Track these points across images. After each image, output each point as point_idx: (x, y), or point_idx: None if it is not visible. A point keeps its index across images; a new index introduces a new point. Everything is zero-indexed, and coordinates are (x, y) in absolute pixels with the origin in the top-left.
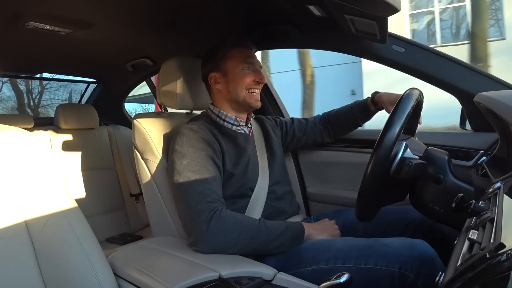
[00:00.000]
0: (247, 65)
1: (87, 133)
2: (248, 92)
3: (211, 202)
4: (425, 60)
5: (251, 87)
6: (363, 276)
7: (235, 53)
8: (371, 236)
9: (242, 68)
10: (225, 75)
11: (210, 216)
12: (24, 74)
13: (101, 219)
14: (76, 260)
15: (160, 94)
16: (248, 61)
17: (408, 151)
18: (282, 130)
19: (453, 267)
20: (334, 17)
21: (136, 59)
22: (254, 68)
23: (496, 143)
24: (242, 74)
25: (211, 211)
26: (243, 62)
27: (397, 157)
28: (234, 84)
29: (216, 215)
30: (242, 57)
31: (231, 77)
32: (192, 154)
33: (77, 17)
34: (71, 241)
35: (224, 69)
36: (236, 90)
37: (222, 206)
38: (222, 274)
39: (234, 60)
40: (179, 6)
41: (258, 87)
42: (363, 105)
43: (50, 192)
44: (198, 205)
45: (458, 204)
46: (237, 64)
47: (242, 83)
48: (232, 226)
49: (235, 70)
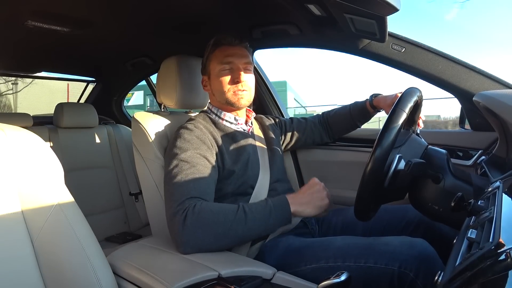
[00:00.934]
0: (225, 65)
1: (86, 132)
2: (229, 93)
3: (187, 200)
4: (424, 60)
5: (230, 88)
6: (363, 274)
7: (215, 54)
8: (370, 235)
9: (220, 69)
10: (209, 77)
11: (184, 215)
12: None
13: (100, 218)
14: (75, 259)
15: (160, 93)
16: (226, 60)
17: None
18: (281, 130)
19: (452, 266)
20: (334, 16)
21: (136, 58)
22: (233, 67)
23: (495, 143)
24: (220, 75)
25: (185, 209)
26: (220, 63)
27: (390, 171)
28: (215, 87)
29: (190, 212)
30: (220, 56)
31: (212, 79)
32: (182, 153)
33: (76, 15)
34: (71, 240)
35: (208, 71)
36: (218, 91)
37: (198, 201)
38: (221, 273)
39: (214, 61)
40: (179, 5)
41: (237, 86)
42: (362, 107)
43: (50, 191)
44: (175, 205)
45: (457, 203)
46: (216, 65)
47: (221, 84)
48: (208, 220)
49: (214, 71)
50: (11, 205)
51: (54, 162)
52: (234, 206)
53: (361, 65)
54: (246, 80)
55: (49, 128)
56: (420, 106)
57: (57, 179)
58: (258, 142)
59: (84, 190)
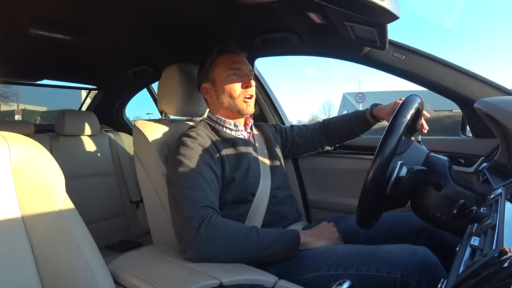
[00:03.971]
0: (233, 71)
1: (87, 139)
2: (238, 98)
3: (202, 209)
4: (425, 67)
5: (240, 93)
6: (365, 283)
7: (221, 60)
8: (372, 243)
9: (228, 75)
10: (213, 84)
11: (200, 223)
12: (25, 80)
13: (101, 226)
14: (76, 267)
15: (161, 101)
16: (234, 66)
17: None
18: (282, 137)
19: (455, 274)
20: (334, 24)
21: (137, 66)
22: (241, 73)
23: (497, 149)
24: (228, 81)
25: (201, 218)
26: (228, 69)
27: (392, 178)
28: (222, 92)
29: (205, 221)
30: (228, 63)
31: (219, 85)
32: (188, 161)
33: (78, 24)
34: (71, 247)
35: (212, 78)
36: (225, 98)
37: (213, 213)
38: (223, 281)
39: (220, 67)
40: (180, 14)
41: (247, 91)
42: (362, 116)
43: (50, 199)
44: (189, 212)
45: (459, 211)
46: (223, 71)
47: (230, 89)
48: (221, 233)
49: (221, 77)
50: (11, 212)
51: (55, 169)
52: (248, 226)
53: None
54: (253, 87)
55: (51, 136)
56: (421, 114)
57: (58, 186)
58: (259, 149)
59: (85, 198)
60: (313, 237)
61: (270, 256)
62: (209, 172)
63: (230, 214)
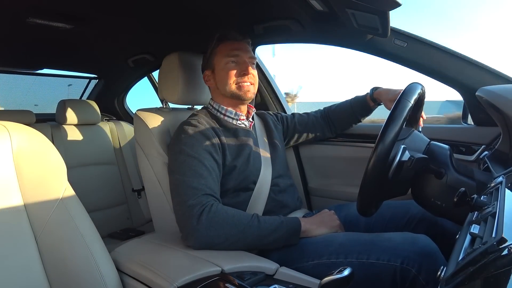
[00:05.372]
0: (232, 58)
1: (89, 128)
2: (235, 85)
3: (203, 197)
4: (427, 54)
5: (237, 80)
6: (365, 270)
7: (220, 48)
8: (372, 231)
9: (226, 62)
10: (214, 71)
11: (201, 211)
12: (25, 70)
13: (103, 215)
14: (78, 255)
15: (162, 89)
16: (232, 53)
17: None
18: (283, 125)
19: (455, 261)
20: (336, 11)
21: (138, 54)
22: (239, 60)
23: (498, 138)
24: (227, 68)
25: (202, 205)
26: (227, 56)
27: (394, 162)
28: (221, 79)
29: (206, 209)
30: (226, 50)
31: (217, 72)
32: (189, 149)
33: (78, 12)
34: (74, 236)
35: (212, 65)
36: (223, 84)
37: (214, 201)
38: (224, 268)
39: (219, 54)
40: (181, 2)
41: (244, 78)
42: (362, 101)
43: (52, 188)
44: (190, 200)
45: (460, 199)
46: (222, 59)
47: (227, 76)
48: (223, 220)
49: (220, 64)
50: (14, 201)
51: (57, 158)
52: (249, 214)
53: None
54: (252, 74)
55: (52, 125)
56: (423, 103)
57: (60, 175)
58: (260, 137)
59: (87, 187)
60: (314, 224)
61: (271, 243)
62: (210, 160)
63: (231, 202)
